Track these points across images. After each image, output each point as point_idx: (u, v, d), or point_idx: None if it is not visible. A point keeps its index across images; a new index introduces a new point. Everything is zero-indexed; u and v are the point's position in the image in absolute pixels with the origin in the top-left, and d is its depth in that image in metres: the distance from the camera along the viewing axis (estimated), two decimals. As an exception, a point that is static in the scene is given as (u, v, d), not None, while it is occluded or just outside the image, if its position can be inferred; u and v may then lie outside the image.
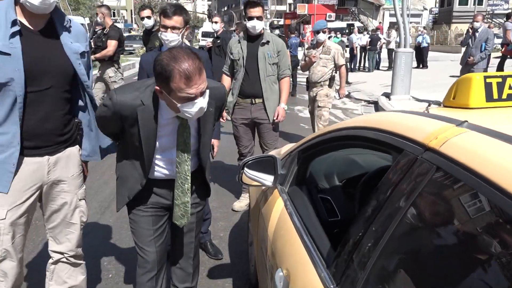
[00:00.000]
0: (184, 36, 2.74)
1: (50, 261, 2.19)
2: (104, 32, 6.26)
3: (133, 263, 3.05)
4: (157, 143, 1.86)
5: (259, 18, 3.61)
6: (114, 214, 3.91)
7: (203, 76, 1.65)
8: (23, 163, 1.89)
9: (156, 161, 1.93)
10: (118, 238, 3.46)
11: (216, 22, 6.22)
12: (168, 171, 1.97)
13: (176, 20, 2.60)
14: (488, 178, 0.87)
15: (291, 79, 5.37)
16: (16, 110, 1.79)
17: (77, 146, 2.11)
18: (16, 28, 1.77)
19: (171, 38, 2.62)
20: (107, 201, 4.24)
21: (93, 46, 6.47)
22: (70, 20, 1.98)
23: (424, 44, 17.55)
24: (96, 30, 6.58)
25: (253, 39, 3.72)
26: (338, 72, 5.48)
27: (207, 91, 1.72)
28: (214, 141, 3.02)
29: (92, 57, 6.35)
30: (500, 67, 10.15)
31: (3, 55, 1.72)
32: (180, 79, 1.60)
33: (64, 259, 2.18)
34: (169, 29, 2.60)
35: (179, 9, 2.63)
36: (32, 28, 1.84)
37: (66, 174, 2.06)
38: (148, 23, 5.36)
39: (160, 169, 1.96)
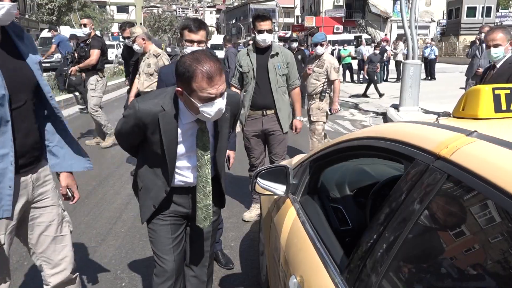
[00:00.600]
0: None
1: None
2: (87, 42, 6.51)
3: (146, 272, 3.11)
4: (178, 148, 1.93)
5: (269, 31, 3.70)
6: (126, 224, 3.96)
7: (222, 78, 1.75)
8: (15, 183, 1.80)
9: (176, 169, 1.99)
10: (130, 247, 3.51)
11: None
12: (188, 178, 2.02)
13: (202, 34, 2.72)
14: (499, 185, 0.90)
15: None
16: (7, 130, 1.72)
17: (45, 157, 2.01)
18: None
19: None
20: (118, 211, 4.30)
21: (76, 57, 6.70)
22: (23, 29, 1.93)
23: (432, 56, 17.59)
24: (79, 42, 6.86)
25: (262, 51, 3.79)
26: (332, 86, 5.42)
27: (225, 93, 1.80)
28: (230, 153, 3.08)
29: (76, 67, 6.49)
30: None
31: None
32: (203, 78, 1.69)
33: (63, 281, 2.06)
34: (195, 43, 2.70)
35: (203, 24, 2.76)
36: None
37: (47, 188, 1.98)
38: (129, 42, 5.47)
39: (180, 177, 2.02)
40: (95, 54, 6.43)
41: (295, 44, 9.40)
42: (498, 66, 3.51)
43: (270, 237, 2.29)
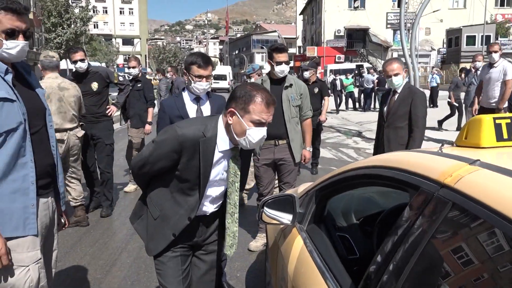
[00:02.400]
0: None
1: None
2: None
3: (152, 303, 3.07)
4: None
5: (287, 62, 3.79)
6: (132, 255, 3.95)
7: (273, 109, 1.92)
8: (38, 203, 1.93)
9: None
10: (136, 278, 3.49)
11: (134, 67, 6.03)
12: (207, 207, 2.07)
13: (210, 70, 2.85)
14: (502, 212, 0.93)
15: None
16: (28, 152, 1.84)
17: None
18: (11, 75, 1.84)
19: (206, 86, 2.88)
20: (124, 241, 4.29)
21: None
22: (29, 65, 2.09)
23: (434, 84, 17.79)
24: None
25: (277, 82, 3.85)
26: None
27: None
28: None
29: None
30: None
31: (10, 102, 1.79)
32: (262, 103, 1.87)
33: None
34: (204, 79, 2.81)
35: (210, 59, 2.89)
36: None
37: (54, 215, 2.10)
38: (82, 66, 4.83)
39: (202, 205, 2.06)
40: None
41: (307, 74, 6.74)
42: (399, 91, 3.99)
43: (277, 266, 2.29)
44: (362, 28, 42.77)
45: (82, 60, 4.80)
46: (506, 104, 6.42)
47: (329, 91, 5.90)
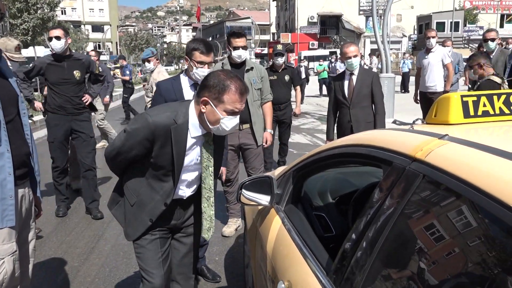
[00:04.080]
0: None
1: None
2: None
3: (131, 289, 3.09)
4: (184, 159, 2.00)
5: (244, 47, 3.81)
6: (109, 242, 3.93)
7: (246, 98, 1.92)
8: (17, 194, 1.88)
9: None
10: (114, 265, 3.48)
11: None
12: (184, 192, 2.09)
13: (212, 57, 2.83)
14: (470, 181, 0.99)
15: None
16: (3, 142, 1.79)
17: None
18: None
19: (204, 73, 2.79)
20: (101, 229, 4.26)
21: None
22: (1, 51, 1.99)
23: (406, 70, 18.12)
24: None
25: (237, 66, 3.88)
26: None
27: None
28: (222, 169, 3.12)
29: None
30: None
31: None
32: (236, 92, 1.88)
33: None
34: (206, 65, 2.79)
35: (212, 47, 2.88)
36: None
37: (31, 205, 2.06)
38: (56, 45, 4.08)
39: (178, 190, 2.08)
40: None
41: (281, 60, 5.90)
42: (356, 73, 4.22)
43: (256, 247, 2.33)
44: (335, 14, 43.02)
45: (57, 38, 4.07)
46: (448, 87, 6.65)
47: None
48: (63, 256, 3.66)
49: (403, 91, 17.72)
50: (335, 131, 4.59)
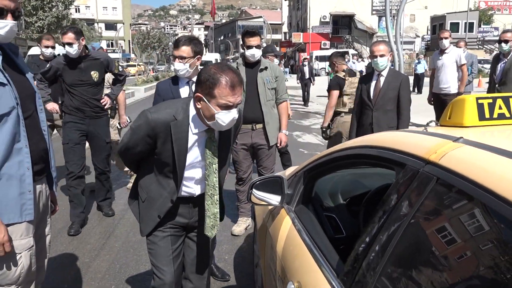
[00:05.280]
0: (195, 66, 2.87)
1: None
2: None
3: (140, 287, 3.11)
4: (187, 156, 1.99)
5: (257, 46, 3.80)
6: (120, 239, 3.96)
7: (241, 90, 1.87)
8: (35, 189, 1.91)
9: (183, 179, 2.05)
10: (124, 262, 3.51)
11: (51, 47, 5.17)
12: (192, 189, 2.08)
13: (183, 50, 2.77)
14: (485, 185, 0.97)
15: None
16: (22, 137, 1.81)
17: None
18: (0, 58, 1.79)
19: (178, 67, 2.80)
20: (111, 226, 4.29)
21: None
22: (18, 47, 2.03)
23: (421, 70, 17.99)
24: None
25: (251, 65, 3.88)
26: None
27: (238, 106, 1.90)
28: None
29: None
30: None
31: (2, 86, 1.76)
32: (226, 86, 1.81)
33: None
34: (177, 59, 2.77)
35: (188, 40, 2.81)
36: None
37: (47, 200, 2.08)
38: (70, 51, 3.93)
39: (185, 187, 2.07)
40: None
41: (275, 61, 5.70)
42: (384, 74, 4.00)
43: (265, 246, 2.33)
44: (348, 14, 42.75)
45: (69, 44, 3.90)
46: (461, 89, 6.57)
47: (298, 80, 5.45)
48: (74, 252, 3.70)
49: (415, 91, 17.57)
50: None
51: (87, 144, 4.35)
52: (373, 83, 4.06)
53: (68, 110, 4.15)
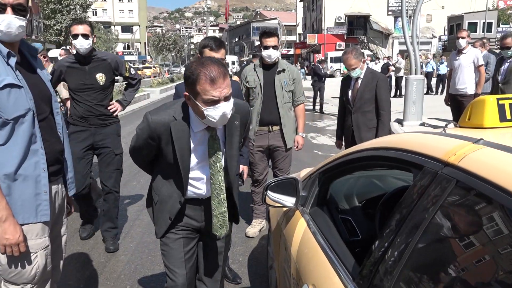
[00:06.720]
0: None
1: None
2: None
3: (155, 287, 3.12)
4: (191, 157, 1.98)
5: (275, 47, 3.78)
6: (135, 240, 3.99)
7: (226, 81, 1.78)
8: (51, 190, 1.94)
9: (190, 180, 2.03)
10: (139, 262, 3.52)
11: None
12: (200, 190, 2.06)
13: (222, 53, 2.82)
14: (507, 188, 0.94)
15: None
16: (38, 139, 1.83)
17: None
18: (14, 59, 1.78)
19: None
20: (127, 226, 4.32)
21: None
22: (36, 49, 2.02)
23: (443, 71, 17.77)
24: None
25: (269, 67, 3.86)
26: None
27: (232, 99, 1.84)
28: (244, 168, 3.10)
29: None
30: None
31: (17, 88, 1.75)
32: (205, 81, 1.74)
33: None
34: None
35: (223, 43, 2.86)
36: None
37: (64, 201, 2.12)
38: (83, 44, 3.44)
39: (193, 188, 2.05)
40: None
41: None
42: (362, 77, 4.03)
43: (280, 249, 2.32)
44: (363, 15, 42.46)
45: (84, 36, 3.42)
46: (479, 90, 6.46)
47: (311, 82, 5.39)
48: (90, 252, 3.73)
49: (429, 92, 17.35)
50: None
51: (95, 159, 3.82)
52: (351, 86, 4.13)
53: (72, 120, 3.67)
